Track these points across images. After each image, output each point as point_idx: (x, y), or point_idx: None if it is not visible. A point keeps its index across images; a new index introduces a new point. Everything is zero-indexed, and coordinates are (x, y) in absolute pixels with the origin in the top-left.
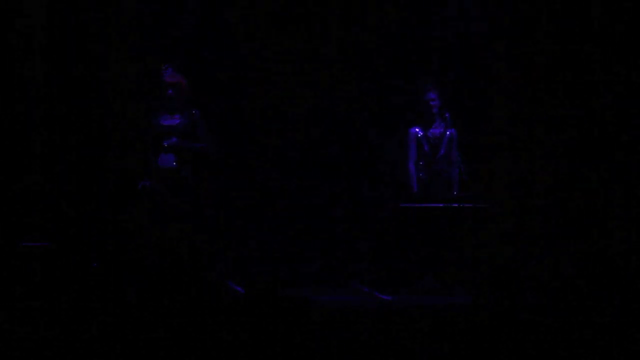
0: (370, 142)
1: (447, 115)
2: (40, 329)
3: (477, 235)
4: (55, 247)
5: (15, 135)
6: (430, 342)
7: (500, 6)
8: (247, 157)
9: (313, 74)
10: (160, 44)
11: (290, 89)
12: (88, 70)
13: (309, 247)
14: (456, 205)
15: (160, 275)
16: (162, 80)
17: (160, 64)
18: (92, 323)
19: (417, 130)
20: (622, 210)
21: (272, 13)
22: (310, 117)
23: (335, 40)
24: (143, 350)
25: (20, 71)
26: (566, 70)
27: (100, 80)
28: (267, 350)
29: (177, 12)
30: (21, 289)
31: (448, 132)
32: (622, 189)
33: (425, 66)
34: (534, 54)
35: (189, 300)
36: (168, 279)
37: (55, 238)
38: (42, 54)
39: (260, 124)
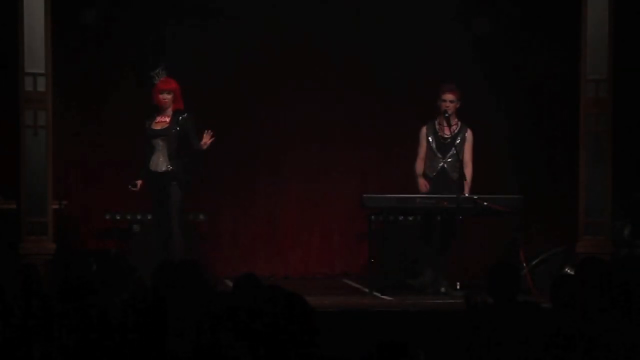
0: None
1: (447, 115)
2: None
3: (477, 235)
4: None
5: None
6: (430, 342)
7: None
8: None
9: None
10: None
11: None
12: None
13: (309, 246)
14: (455, 204)
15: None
16: (154, 84)
17: (154, 68)
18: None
19: (429, 128)
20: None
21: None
22: (318, 115)
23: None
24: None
25: None
26: None
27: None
28: (260, 348)
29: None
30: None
31: (462, 133)
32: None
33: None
34: None
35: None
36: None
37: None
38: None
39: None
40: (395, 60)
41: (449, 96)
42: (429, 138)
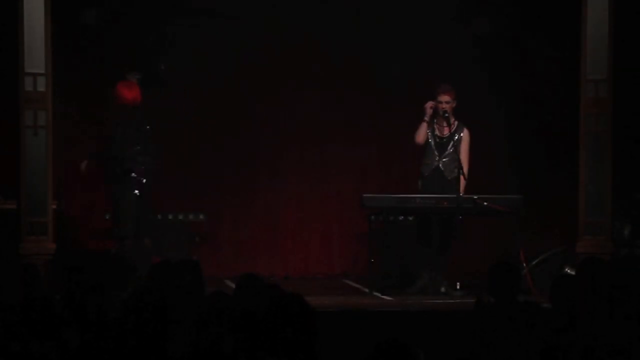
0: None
1: (446, 115)
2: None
3: (477, 235)
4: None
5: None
6: (430, 342)
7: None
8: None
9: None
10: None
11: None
12: None
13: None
14: (455, 204)
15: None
16: None
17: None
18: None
19: (428, 126)
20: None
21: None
22: (316, 115)
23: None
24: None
25: None
26: None
27: None
28: (260, 348)
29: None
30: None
31: (458, 133)
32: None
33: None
34: None
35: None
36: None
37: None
38: None
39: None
40: (395, 60)
41: (445, 97)
42: (428, 135)
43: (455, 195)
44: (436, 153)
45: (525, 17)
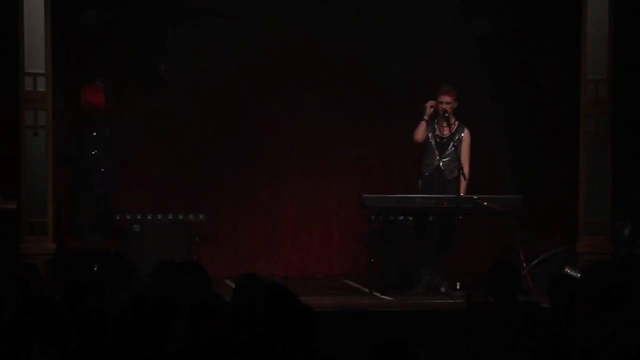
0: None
1: (446, 115)
2: None
3: (477, 235)
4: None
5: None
6: (430, 342)
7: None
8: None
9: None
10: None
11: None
12: None
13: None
14: (455, 204)
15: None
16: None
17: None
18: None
19: (429, 126)
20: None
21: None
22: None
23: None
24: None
25: None
26: None
27: None
28: (260, 348)
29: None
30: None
31: (458, 133)
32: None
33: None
34: None
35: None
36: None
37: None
38: None
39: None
40: (395, 60)
41: (446, 98)
42: (429, 134)
43: (455, 195)
44: (437, 153)
45: (525, 17)
